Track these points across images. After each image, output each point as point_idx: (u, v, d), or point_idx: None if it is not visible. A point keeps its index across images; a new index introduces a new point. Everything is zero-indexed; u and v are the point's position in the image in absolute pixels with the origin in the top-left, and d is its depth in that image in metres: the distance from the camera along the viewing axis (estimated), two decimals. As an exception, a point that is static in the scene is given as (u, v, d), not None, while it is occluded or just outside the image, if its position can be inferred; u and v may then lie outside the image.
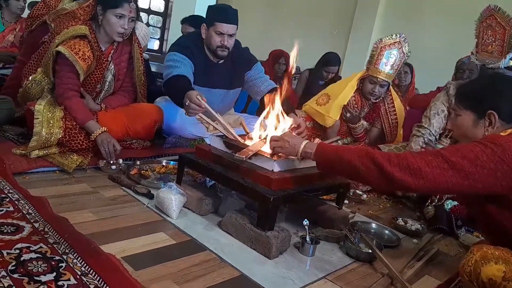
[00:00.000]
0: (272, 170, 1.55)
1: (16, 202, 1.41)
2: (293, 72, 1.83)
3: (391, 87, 2.66)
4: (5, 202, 1.40)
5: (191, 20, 3.23)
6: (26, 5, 3.59)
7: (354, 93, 2.63)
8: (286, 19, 7.72)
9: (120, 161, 2.04)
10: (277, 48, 4.12)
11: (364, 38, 5.63)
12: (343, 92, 2.65)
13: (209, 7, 2.42)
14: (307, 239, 1.54)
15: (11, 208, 1.36)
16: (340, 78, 3.92)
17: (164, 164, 2.14)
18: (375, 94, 2.56)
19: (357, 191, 2.34)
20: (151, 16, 10.74)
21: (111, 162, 1.99)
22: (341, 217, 1.80)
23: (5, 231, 1.22)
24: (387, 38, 2.50)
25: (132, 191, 1.79)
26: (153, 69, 3.74)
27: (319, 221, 1.80)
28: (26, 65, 2.30)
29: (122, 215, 1.56)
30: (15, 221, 1.29)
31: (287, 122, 1.80)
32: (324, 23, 7.28)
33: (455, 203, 2.06)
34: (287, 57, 4.08)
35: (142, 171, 2.05)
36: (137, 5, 2.16)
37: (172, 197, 1.62)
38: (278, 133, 1.73)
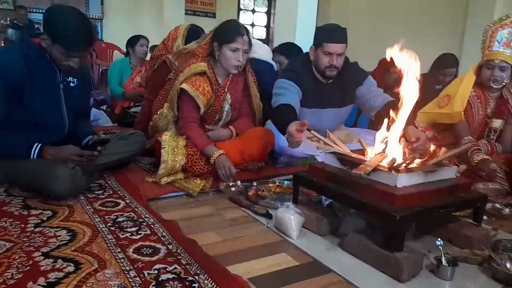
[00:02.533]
0: (395, 185, 1.45)
1: (152, 226, 1.55)
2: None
3: None
4: (143, 226, 1.54)
5: (281, 49, 3.27)
6: (148, 49, 4.05)
7: (474, 87, 2.35)
8: (394, 23, 7.42)
9: (239, 182, 2.12)
10: (382, 54, 3.90)
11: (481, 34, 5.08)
12: (462, 84, 2.40)
13: (317, 28, 2.43)
14: (443, 261, 1.38)
15: (148, 232, 1.50)
16: (459, 80, 3.56)
17: (278, 183, 2.16)
18: (496, 80, 2.26)
19: (497, 204, 2.05)
20: (254, 43, 11.23)
21: (230, 184, 2.08)
22: (481, 235, 1.59)
23: (144, 253, 1.34)
24: (500, 18, 2.26)
25: (251, 211, 1.84)
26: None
27: (453, 240, 1.62)
28: (154, 101, 2.57)
29: (244, 236, 1.60)
30: (152, 244, 1.41)
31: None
32: (436, 22, 6.81)
33: None
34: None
35: (259, 192, 2.09)
36: (249, 37, 2.26)
37: (291, 217, 1.61)
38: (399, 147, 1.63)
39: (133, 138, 2.18)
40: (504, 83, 2.28)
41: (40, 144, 1.78)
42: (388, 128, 1.65)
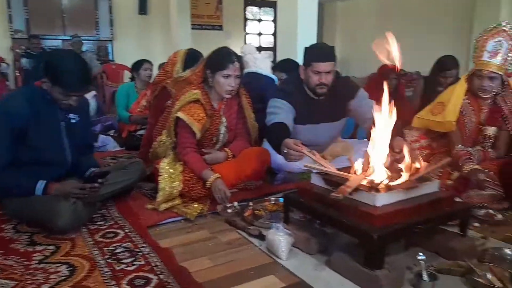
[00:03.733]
0: (374, 205, 1.50)
1: (147, 256, 1.64)
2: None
3: (510, 82, 2.31)
4: (139, 256, 1.64)
5: (281, 66, 3.35)
6: (153, 72, 4.19)
7: (467, 96, 2.37)
8: (401, 24, 7.41)
9: (235, 203, 2.20)
10: (390, 56, 3.90)
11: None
12: (454, 93, 2.42)
13: (306, 48, 2.49)
14: (424, 275, 1.42)
15: (143, 262, 1.59)
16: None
17: (274, 201, 2.22)
18: (485, 89, 2.27)
19: (490, 210, 2.07)
20: (262, 52, 11.36)
21: (227, 206, 2.16)
22: (467, 247, 1.62)
23: (137, 284, 1.43)
24: (491, 28, 2.27)
25: (245, 233, 1.91)
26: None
27: (440, 252, 1.66)
28: (154, 127, 2.68)
29: (236, 260, 1.68)
30: (145, 274, 1.50)
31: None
32: (443, 22, 6.77)
33: None
34: (397, 71, 3.87)
35: (255, 211, 2.16)
36: (241, 63, 2.36)
37: (281, 238, 1.68)
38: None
39: (132, 166, 2.28)
40: (493, 92, 2.28)
41: (45, 181, 1.90)
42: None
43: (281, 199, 2.23)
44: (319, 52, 2.39)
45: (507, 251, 1.66)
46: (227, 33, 10.08)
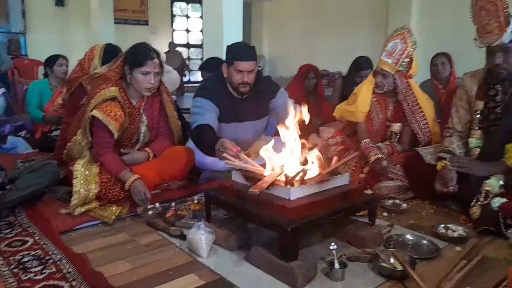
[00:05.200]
0: (289, 198, 1.56)
1: (59, 263, 1.55)
2: None
3: (412, 84, 2.55)
4: (49, 263, 1.55)
5: (208, 68, 3.34)
6: (68, 68, 3.94)
7: (374, 94, 2.57)
8: (324, 24, 7.75)
9: (157, 205, 2.16)
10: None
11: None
12: (364, 86, 2.63)
13: (228, 47, 2.51)
14: (335, 264, 1.52)
15: (54, 269, 1.50)
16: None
17: (197, 201, 2.22)
18: (378, 85, 2.51)
19: (397, 201, 2.26)
20: (190, 49, 11.22)
21: (148, 207, 2.11)
22: (374, 235, 1.76)
23: (46, 293, 1.36)
24: (394, 31, 2.51)
25: (167, 234, 1.89)
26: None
27: (351, 241, 1.78)
28: (68, 127, 2.54)
29: (155, 261, 1.65)
30: (56, 282, 1.42)
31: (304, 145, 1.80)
32: (362, 24, 7.21)
33: (504, 200, 1.92)
34: (316, 70, 4.06)
35: (178, 211, 2.14)
36: (160, 60, 2.30)
37: (201, 237, 1.68)
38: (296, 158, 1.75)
39: (44, 169, 2.14)
40: (385, 88, 2.49)
41: None
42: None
43: (204, 198, 2.24)
44: (241, 51, 2.43)
45: (409, 236, 1.83)
46: (153, 28, 9.80)
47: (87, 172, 2.09)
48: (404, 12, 6.36)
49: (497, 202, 1.92)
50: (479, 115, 2.16)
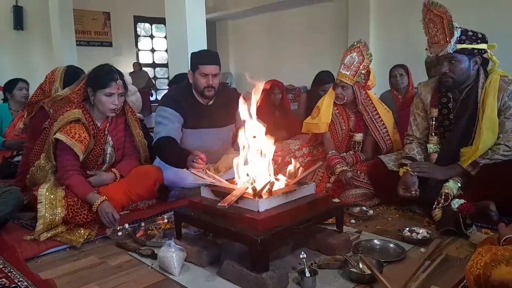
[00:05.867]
0: (258, 210, 1.59)
1: (24, 291, 1.51)
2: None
3: (371, 94, 2.66)
4: (14, 292, 1.50)
5: (177, 83, 3.35)
6: (29, 92, 3.86)
7: (336, 107, 2.67)
8: (287, 42, 7.93)
9: (126, 225, 2.13)
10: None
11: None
12: (325, 99, 2.74)
13: (192, 53, 2.60)
14: (306, 272, 1.55)
15: (19, 298, 1.46)
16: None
17: (167, 220, 2.21)
18: (338, 97, 2.62)
19: (363, 207, 2.33)
20: (157, 69, 11.19)
21: (117, 228, 2.08)
22: (342, 241, 1.80)
23: (11, 322, 1.31)
24: (351, 45, 2.63)
25: (137, 254, 1.86)
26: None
27: (321, 249, 1.81)
28: (31, 152, 2.47)
29: (127, 281, 1.63)
30: (22, 310, 1.38)
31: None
32: (323, 39, 7.43)
33: (462, 201, 2.02)
34: (280, 86, 4.16)
35: (148, 231, 2.12)
36: (123, 81, 2.30)
37: (173, 255, 1.67)
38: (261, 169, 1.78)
39: (6, 196, 2.07)
40: (345, 100, 2.59)
41: None
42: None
43: (175, 216, 2.23)
44: (205, 56, 2.54)
45: (376, 241, 1.90)
46: (117, 49, 9.73)
47: (52, 196, 2.05)
48: (363, 27, 6.62)
49: (456, 203, 2.03)
50: (434, 122, 2.28)
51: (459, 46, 2.05)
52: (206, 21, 4.34)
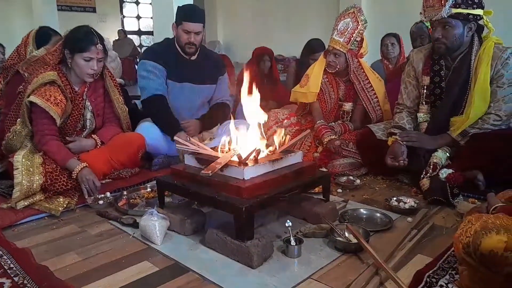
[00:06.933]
0: (243, 178, 1.54)
1: (-1, 259, 1.45)
2: None
3: (363, 63, 2.58)
4: (-12, 261, 1.44)
5: None
6: (5, 56, 3.68)
7: (326, 75, 2.59)
8: (277, 10, 7.71)
9: (108, 194, 2.08)
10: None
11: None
12: (315, 67, 2.65)
13: (178, 7, 2.59)
14: (292, 241, 1.52)
15: (-7, 266, 1.40)
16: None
17: (150, 189, 2.15)
18: (330, 65, 2.53)
19: (350, 177, 2.30)
20: (142, 37, 10.87)
21: (98, 197, 2.02)
22: (329, 210, 1.77)
23: (-16, 291, 1.26)
24: (344, 10, 2.53)
25: (119, 223, 1.81)
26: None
27: (307, 218, 1.78)
28: (6, 117, 2.37)
29: (107, 251, 1.58)
30: (-5, 279, 1.32)
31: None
32: (313, 8, 7.23)
33: (450, 171, 2.00)
34: (270, 53, 4.04)
35: (131, 200, 2.07)
36: (104, 45, 2.18)
37: (155, 223, 1.62)
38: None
39: (-19, 163, 1.99)
40: (337, 68, 2.51)
41: None
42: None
43: (158, 184, 2.17)
44: (190, 12, 2.52)
45: (363, 210, 1.87)
46: (101, 15, 9.39)
47: (29, 163, 1.96)
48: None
49: (444, 173, 2.00)
50: (425, 90, 2.22)
51: (454, 10, 1.97)
52: (194, -12, 4.16)
